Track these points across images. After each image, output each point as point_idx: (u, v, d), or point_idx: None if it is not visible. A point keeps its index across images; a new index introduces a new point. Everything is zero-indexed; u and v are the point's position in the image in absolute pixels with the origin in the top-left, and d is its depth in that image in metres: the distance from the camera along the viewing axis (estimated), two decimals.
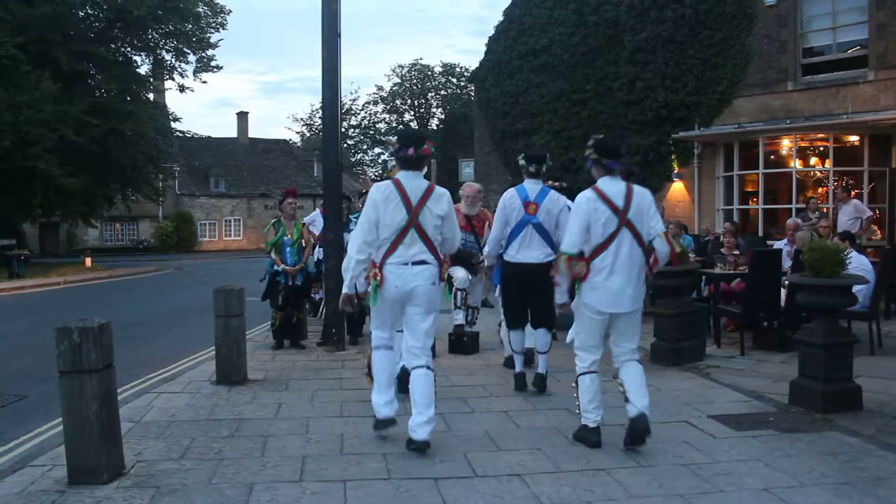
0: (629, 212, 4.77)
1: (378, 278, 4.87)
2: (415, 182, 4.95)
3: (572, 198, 5.22)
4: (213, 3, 33.23)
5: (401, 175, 4.99)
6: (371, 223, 4.88)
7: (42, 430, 5.92)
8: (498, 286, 7.17)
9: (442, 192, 5.03)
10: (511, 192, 6.60)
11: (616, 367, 4.97)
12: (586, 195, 4.85)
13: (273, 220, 9.21)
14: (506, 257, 6.59)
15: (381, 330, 5.14)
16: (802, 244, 8.82)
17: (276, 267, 8.85)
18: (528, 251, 6.41)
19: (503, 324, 7.26)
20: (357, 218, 6.41)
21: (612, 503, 3.99)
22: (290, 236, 8.88)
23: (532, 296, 6.52)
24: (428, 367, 4.91)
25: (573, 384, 5.04)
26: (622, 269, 4.76)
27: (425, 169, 5.11)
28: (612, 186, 4.84)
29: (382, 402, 5.02)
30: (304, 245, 9.00)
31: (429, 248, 4.90)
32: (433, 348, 5.52)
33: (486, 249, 7.06)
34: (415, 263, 4.85)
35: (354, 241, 5.00)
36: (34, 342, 10.17)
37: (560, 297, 4.94)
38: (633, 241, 4.79)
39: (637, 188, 4.92)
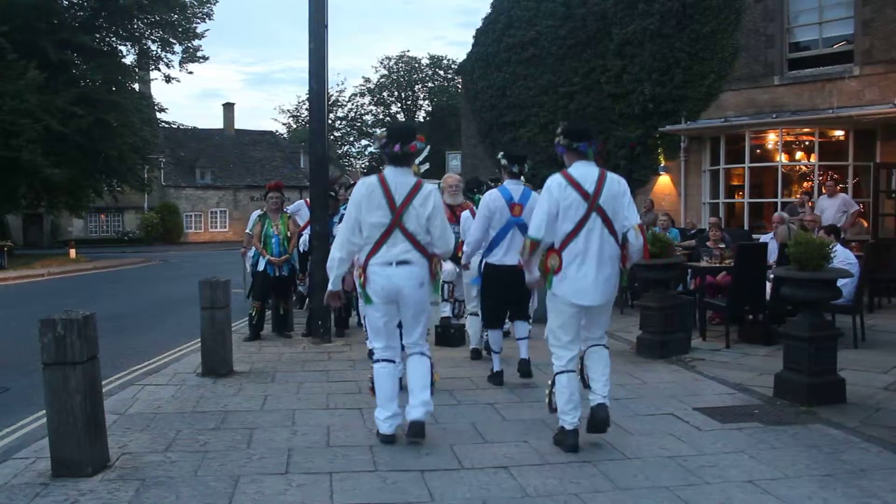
0: (600, 197, 4.56)
1: (362, 278, 4.76)
2: (401, 179, 4.76)
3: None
4: None
5: (387, 171, 4.82)
6: (354, 223, 4.74)
7: (25, 423, 5.87)
8: (476, 286, 7.09)
9: (429, 190, 4.82)
10: (494, 193, 6.48)
11: (581, 350, 4.86)
12: (556, 179, 4.64)
13: (259, 213, 9.26)
14: (490, 260, 6.48)
15: (378, 340, 4.95)
16: (783, 239, 8.89)
17: (261, 258, 8.92)
18: (513, 253, 6.21)
19: (473, 319, 7.55)
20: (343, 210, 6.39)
21: (598, 495, 3.99)
22: (275, 228, 8.96)
23: (513, 296, 6.50)
24: (422, 354, 4.91)
25: (549, 382, 4.89)
26: (593, 258, 4.56)
27: (420, 159, 4.97)
28: (584, 171, 4.63)
29: (383, 417, 4.86)
30: (289, 236, 9.05)
31: (415, 246, 4.72)
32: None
33: (465, 250, 6.82)
34: (399, 263, 4.69)
35: (338, 239, 4.90)
36: (17, 334, 10.10)
37: (530, 274, 4.75)
38: (605, 229, 4.58)
39: (611, 174, 4.70)
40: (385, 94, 63.05)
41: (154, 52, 33.10)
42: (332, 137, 56.93)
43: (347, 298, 5.50)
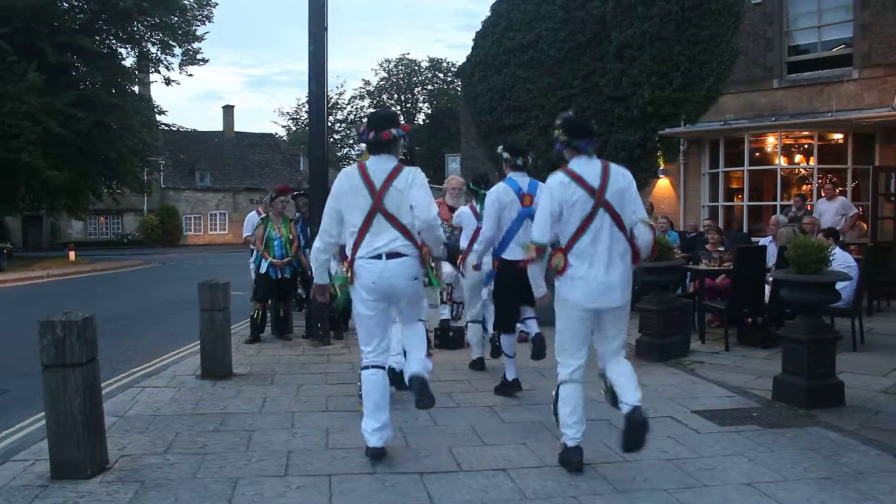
0: (606, 192, 4.28)
1: (349, 274, 4.55)
2: (380, 165, 4.57)
3: None
4: None
5: (369, 160, 4.64)
6: (333, 213, 4.63)
7: (24, 425, 5.88)
8: (487, 287, 6.67)
9: (410, 170, 4.58)
10: (502, 186, 6.08)
11: (601, 367, 4.51)
12: (557, 177, 4.36)
13: (262, 217, 9.39)
14: (505, 256, 6.06)
15: (367, 343, 4.64)
16: (786, 241, 8.88)
17: (263, 261, 8.97)
18: None
19: (473, 327, 7.18)
20: None
21: (597, 497, 4.00)
22: (277, 231, 9.01)
23: (528, 292, 6.23)
24: (419, 320, 4.99)
25: (553, 394, 4.64)
26: (604, 257, 4.25)
27: (399, 153, 4.76)
28: (587, 166, 4.35)
29: (371, 429, 4.54)
30: (291, 239, 9.10)
31: (403, 233, 4.49)
32: (428, 339, 5.33)
33: (477, 249, 6.43)
34: (389, 256, 4.46)
35: (320, 231, 4.77)
36: (17, 336, 10.09)
37: (538, 289, 4.58)
38: (614, 225, 4.28)
39: (615, 167, 4.41)
40: (385, 96, 63.05)
41: (154, 55, 33.20)
42: (331, 140, 57.03)
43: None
